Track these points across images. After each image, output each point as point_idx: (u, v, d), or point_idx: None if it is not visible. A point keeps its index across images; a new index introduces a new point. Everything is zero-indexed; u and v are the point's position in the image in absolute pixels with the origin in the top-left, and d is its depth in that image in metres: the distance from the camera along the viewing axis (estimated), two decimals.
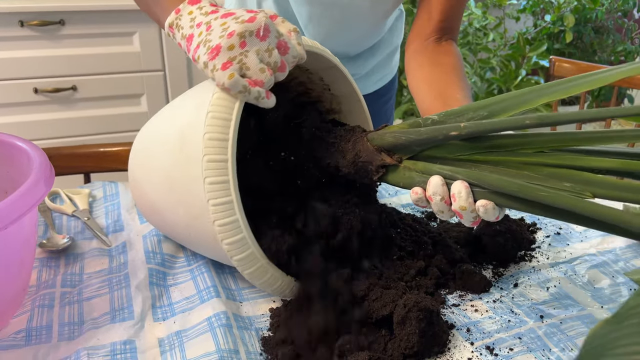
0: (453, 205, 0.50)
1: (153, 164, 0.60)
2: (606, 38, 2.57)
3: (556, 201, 0.45)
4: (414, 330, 0.50)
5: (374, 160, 0.55)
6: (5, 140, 0.64)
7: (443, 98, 0.69)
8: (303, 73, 0.69)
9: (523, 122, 0.48)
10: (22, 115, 1.68)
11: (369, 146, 0.56)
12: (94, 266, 0.66)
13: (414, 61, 0.79)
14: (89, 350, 0.52)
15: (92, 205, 0.81)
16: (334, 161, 0.59)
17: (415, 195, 0.53)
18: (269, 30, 0.53)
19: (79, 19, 1.63)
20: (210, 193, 0.51)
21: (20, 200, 0.50)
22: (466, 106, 0.53)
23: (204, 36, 0.53)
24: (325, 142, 0.60)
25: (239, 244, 0.53)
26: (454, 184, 0.50)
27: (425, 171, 0.53)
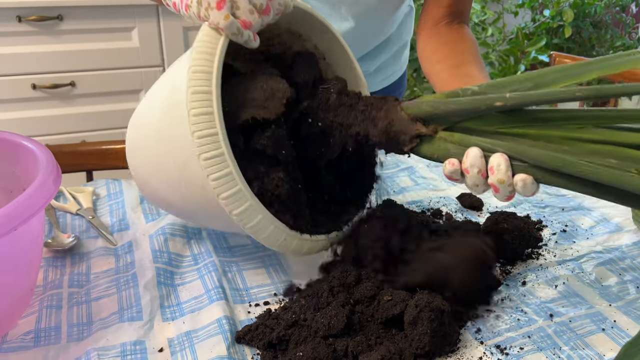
0: (490, 178, 0.49)
1: (146, 121, 0.61)
2: (604, 33, 2.57)
3: (602, 177, 0.44)
4: (425, 330, 0.50)
5: (408, 129, 0.53)
6: (11, 139, 0.63)
7: (461, 76, 0.68)
8: (297, 40, 0.67)
9: (573, 94, 0.45)
10: (20, 112, 1.67)
11: (404, 115, 0.53)
12: (101, 266, 0.66)
13: (427, 46, 0.78)
14: (99, 351, 0.52)
15: (96, 204, 0.81)
16: (363, 129, 0.56)
17: (452, 166, 0.51)
18: None
19: (77, 14, 1.62)
20: (194, 125, 0.50)
21: (29, 200, 0.50)
22: (509, 78, 0.51)
23: None
24: (355, 110, 0.57)
25: (225, 179, 0.51)
26: (492, 156, 0.49)
27: (462, 143, 0.50)
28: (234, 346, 0.53)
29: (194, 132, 0.50)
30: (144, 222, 0.75)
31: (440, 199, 0.82)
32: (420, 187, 0.86)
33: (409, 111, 0.53)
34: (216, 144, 0.51)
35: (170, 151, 0.56)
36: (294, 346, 0.50)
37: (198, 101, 0.51)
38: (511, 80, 0.50)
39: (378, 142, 0.56)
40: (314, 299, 0.54)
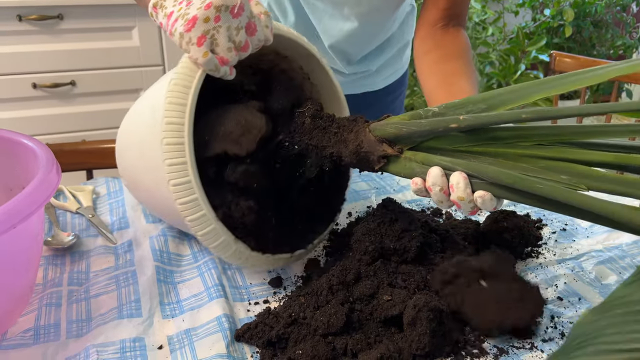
0: (452, 195, 0.51)
1: (130, 135, 0.64)
2: (605, 32, 2.57)
3: (551, 193, 0.46)
4: (424, 331, 0.49)
5: (376, 150, 0.56)
6: (11, 138, 0.63)
7: (447, 85, 0.71)
8: (283, 60, 0.69)
9: (519, 116, 0.49)
10: (20, 111, 1.67)
11: (371, 136, 0.57)
12: (100, 264, 0.66)
13: (421, 48, 0.80)
14: (98, 348, 0.52)
15: (95, 202, 0.81)
16: (337, 150, 0.60)
17: (415, 185, 0.54)
18: (242, 9, 0.54)
19: (77, 13, 1.62)
20: (166, 153, 0.53)
21: (28, 198, 0.50)
22: (466, 99, 0.54)
23: (183, 10, 0.54)
24: (328, 132, 0.61)
25: (192, 204, 0.54)
26: (452, 174, 0.51)
27: (425, 162, 0.54)
28: (233, 344, 0.53)
29: (164, 160, 0.54)
30: (144, 221, 0.75)
31: None
32: None
33: (376, 133, 0.57)
34: (184, 172, 0.54)
35: (148, 169, 0.59)
36: (293, 344, 0.50)
37: (171, 131, 0.54)
38: (467, 102, 0.54)
39: (350, 162, 0.59)
40: (313, 297, 0.54)
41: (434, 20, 0.80)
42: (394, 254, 0.61)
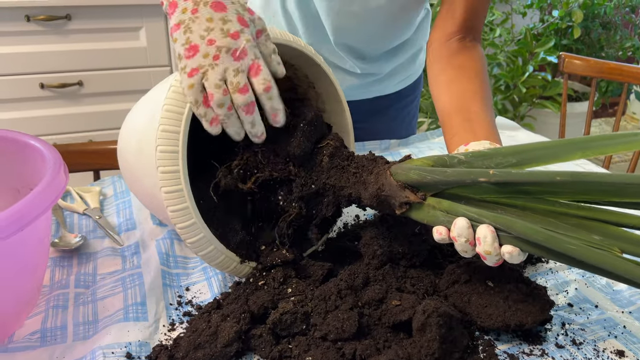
0: (477, 248, 0.49)
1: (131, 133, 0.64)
2: (614, 34, 2.55)
3: (584, 255, 0.44)
4: (434, 337, 0.49)
5: (397, 196, 0.53)
6: (18, 139, 0.63)
7: (464, 112, 0.68)
8: (289, 68, 0.69)
9: (553, 178, 0.46)
10: (28, 111, 1.68)
11: (392, 181, 0.54)
12: (107, 267, 0.66)
13: (436, 64, 0.77)
14: (104, 350, 0.52)
15: (102, 204, 0.81)
16: (355, 192, 0.58)
17: (439, 235, 0.51)
18: (245, 54, 0.53)
19: (85, 13, 1.62)
20: (160, 161, 0.54)
21: (36, 200, 0.50)
22: (495, 150, 0.52)
23: (186, 19, 0.53)
24: (347, 172, 0.59)
25: (182, 212, 0.54)
26: (479, 227, 0.49)
27: (450, 211, 0.51)
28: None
29: (158, 167, 0.54)
30: (151, 223, 0.74)
31: None
32: None
33: (398, 177, 0.54)
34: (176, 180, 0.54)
35: (146, 172, 0.59)
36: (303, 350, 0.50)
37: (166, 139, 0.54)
38: (496, 153, 0.52)
39: (370, 205, 0.57)
40: (322, 302, 0.53)
41: (450, 33, 0.76)
42: (403, 258, 0.60)
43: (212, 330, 0.51)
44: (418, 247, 0.61)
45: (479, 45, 0.77)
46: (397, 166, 0.55)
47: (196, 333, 0.52)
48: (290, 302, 0.54)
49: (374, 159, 0.59)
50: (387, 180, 0.54)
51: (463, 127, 0.66)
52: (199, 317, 0.54)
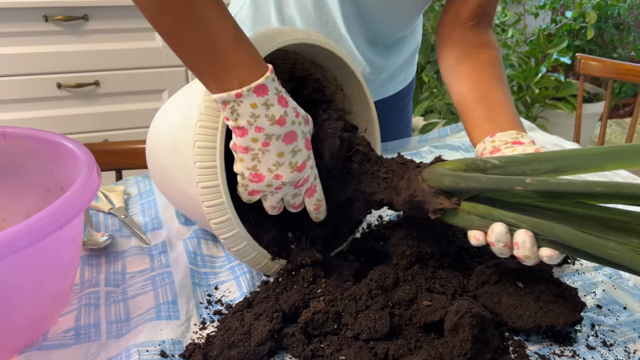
0: (516, 251, 0.49)
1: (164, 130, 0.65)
2: (627, 35, 2.54)
3: (625, 259, 0.45)
4: (467, 337, 0.49)
5: (431, 202, 0.53)
6: (50, 139, 0.64)
7: (485, 101, 0.68)
8: (318, 70, 0.70)
9: (593, 189, 0.45)
10: (45, 110, 1.69)
11: (425, 187, 0.53)
12: (136, 265, 0.66)
13: (450, 51, 0.75)
14: (139, 348, 0.53)
15: (127, 203, 0.81)
16: (387, 197, 0.57)
17: (477, 241, 0.51)
18: (307, 181, 0.55)
19: (102, 14, 1.63)
20: (198, 156, 0.54)
21: (73, 199, 0.50)
22: (531, 155, 0.51)
23: (256, 149, 0.52)
24: (377, 177, 0.58)
25: (218, 207, 0.55)
26: (518, 232, 0.49)
27: (486, 215, 0.51)
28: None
29: (195, 162, 0.55)
30: (177, 222, 0.75)
31: None
32: None
33: (430, 183, 0.53)
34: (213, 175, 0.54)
35: (179, 168, 0.60)
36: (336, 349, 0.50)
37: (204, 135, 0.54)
38: (532, 159, 0.50)
39: (402, 209, 0.57)
40: (352, 302, 0.54)
41: (462, 19, 0.74)
42: (432, 258, 0.61)
43: (245, 329, 0.52)
44: (446, 247, 0.61)
45: (491, 31, 0.76)
46: (429, 171, 0.54)
47: (229, 332, 0.52)
48: (322, 301, 0.54)
49: (404, 162, 0.58)
50: (419, 185, 0.54)
51: (486, 117, 0.66)
52: (231, 315, 0.55)
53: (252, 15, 0.89)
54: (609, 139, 2.91)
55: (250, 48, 0.51)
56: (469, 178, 0.51)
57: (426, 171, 0.55)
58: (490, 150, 0.62)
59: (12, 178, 0.66)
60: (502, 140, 0.62)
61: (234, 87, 0.50)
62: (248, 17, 0.90)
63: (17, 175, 0.66)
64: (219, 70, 0.50)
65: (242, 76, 0.50)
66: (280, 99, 0.51)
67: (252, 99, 0.50)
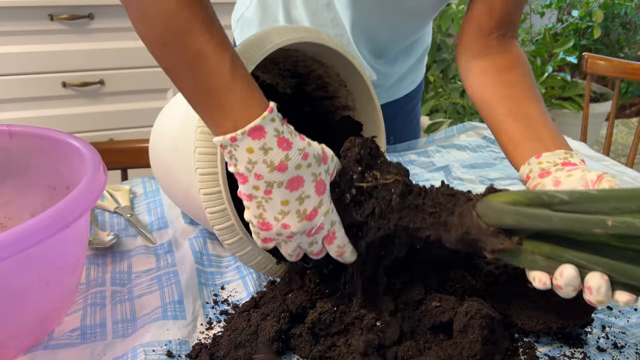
0: (587, 296, 0.44)
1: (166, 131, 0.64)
2: (634, 34, 2.52)
3: None
4: (476, 338, 0.49)
5: (489, 242, 0.46)
6: (55, 137, 0.64)
7: (522, 117, 0.63)
8: (320, 66, 0.69)
9: None
10: (50, 109, 1.69)
11: (481, 224, 0.47)
12: (142, 265, 0.66)
13: (475, 63, 0.70)
14: (145, 348, 0.52)
15: (133, 202, 0.81)
16: (435, 234, 0.50)
17: (543, 285, 0.45)
18: (321, 229, 0.49)
19: (107, 13, 1.63)
20: (199, 163, 0.54)
21: (79, 198, 0.50)
22: (607, 192, 0.44)
23: (259, 197, 0.47)
24: (422, 211, 0.50)
25: (220, 214, 0.54)
26: (591, 276, 0.43)
27: (552, 256, 0.45)
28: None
29: (196, 169, 0.54)
30: (183, 222, 0.75)
31: None
32: None
33: (487, 220, 0.46)
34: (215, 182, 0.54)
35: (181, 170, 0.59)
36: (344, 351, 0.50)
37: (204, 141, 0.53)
38: (610, 196, 0.43)
39: (452, 247, 0.51)
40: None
41: (486, 30, 0.68)
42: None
43: (252, 329, 0.51)
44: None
45: (516, 42, 0.71)
46: (484, 205, 0.47)
47: (236, 332, 0.52)
48: (329, 301, 0.54)
49: (452, 194, 0.51)
50: (474, 222, 0.47)
51: (526, 135, 0.61)
52: (237, 315, 0.54)
53: (260, 15, 0.89)
54: (615, 139, 2.89)
55: (247, 84, 0.47)
56: (536, 217, 0.44)
57: (480, 205, 0.48)
58: (538, 172, 0.56)
59: (18, 177, 0.66)
60: (551, 161, 0.56)
61: (229, 130, 0.46)
62: (255, 16, 0.90)
63: (23, 173, 0.66)
64: (214, 109, 0.47)
65: (237, 117, 0.46)
66: (280, 142, 0.46)
67: (247, 143, 0.45)
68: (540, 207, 0.45)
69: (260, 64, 0.58)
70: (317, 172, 0.48)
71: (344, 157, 0.51)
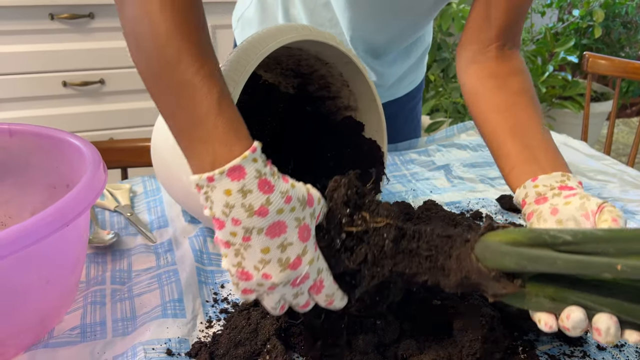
0: (596, 337, 0.42)
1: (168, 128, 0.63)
2: (635, 33, 2.52)
3: None
4: (476, 337, 0.49)
5: (490, 286, 0.44)
6: (54, 135, 0.64)
7: (520, 135, 0.60)
8: (323, 66, 0.69)
9: None
10: (50, 109, 1.70)
11: (481, 268, 0.44)
12: (142, 263, 0.66)
13: (474, 77, 0.67)
14: (145, 346, 0.52)
15: (133, 201, 0.81)
16: (432, 279, 0.47)
17: (549, 328, 0.43)
18: (307, 278, 0.45)
19: (108, 12, 1.63)
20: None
21: (79, 196, 0.50)
22: (614, 233, 0.41)
23: (237, 243, 0.43)
24: (418, 256, 0.48)
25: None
26: (600, 318, 0.41)
27: (557, 298, 0.43)
28: None
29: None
30: (183, 221, 0.75)
31: (480, 200, 0.81)
32: (458, 189, 0.85)
33: (487, 264, 0.44)
34: None
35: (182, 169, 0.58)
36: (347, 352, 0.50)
37: None
38: (617, 237, 0.40)
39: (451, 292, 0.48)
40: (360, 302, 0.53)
41: (486, 40, 0.66)
42: None
43: (252, 327, 0.51)
44: None
45: (519, 52, 0.68)
46: (483, 246, 0.45)
47: (236, 330, 0.52)
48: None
49: (449, 235, 0.48)
50: (473, 266, 0.45)
51: (523, 155, 0.58)
52: (237, 314, 0.54)
53: (259, 15, 0.89)
54: (616, 138, 2.89)
55: (233, 120, 0.44)
56: (539, 260, 0.42)
57: (479, 247, 0.45)
58: (534, 198, 0.55)
59: (18, 175, 0.66)
60: (547, 185, 0.54)
61: (207, 167, 0.43)
62: (255, 16, 0.90)
63: (23, 172, 0.66)
64: (195, 142, 0.44)
65: (217, 154, 0.43)
66: (261, 184, 0.42)
67: (225, 184, 0.42)
68: (542, 247, 0.42)
69: (263, 62, 0.58)
70: (301, 217, 0.44)
71: (330, 198, 0.48)
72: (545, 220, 0.53)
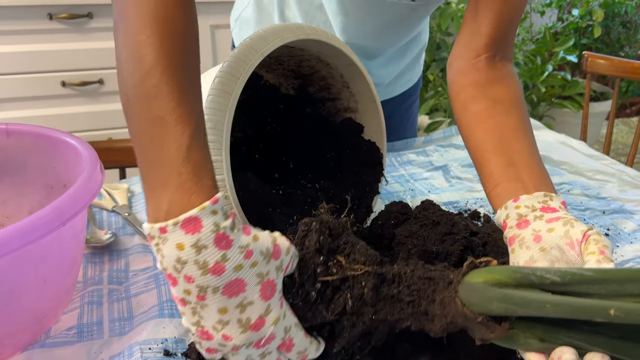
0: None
1: None
2: (634, 33, 2.52)
3: None
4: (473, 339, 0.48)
5: (477, 331, 0.43)
6: (53, 135, 0.64)
7: (504, 152, 0.58)
8: (324, 67, 0.69)
9: None
10: (49, 109, 1.70)
11: (467, 313, 0.42)
12: (139, 263, 0.66)
13: (462, 89, 0.65)
14: (142, 345, 0.52)
15: (130, 201, 0.81)
16: (416, 324, 0.45)
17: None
18: (273, 338, 0.42)
19: (106, 12, 1.63)
20: None
21: (76, 196, 0.50)
22: (605, 273, 0.40)
23: (192, 301, 0.40)
24: (400, 301, 0.45)
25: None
26: (591, 356, 0.39)
27: (547, 338, 0.42)
28: None
29: None
30: None
31: (478, 200, 0.80)
32: (456, 188, 0.85)
33: (472, 308, 0.42)
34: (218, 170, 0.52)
35: None
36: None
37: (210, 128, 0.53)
38: (607, 278, 0.39)
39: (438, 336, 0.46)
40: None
41: (475, 50, 0.65)
42: (437, 257, 0.60)
43: None
44: (451, 246, 0.61)
45: (510, 65, 0.66)
46: (467, 288, 0.43)
47: None
48: None
49: (430, 277, 0.45)
50: (458, 311, 0.43)
51: (506, 173, 0.57)
52: None
53: (256, 15, 0.89)
54: (615, 138, 2.89)
55: (200, 167, 0.40)
56: (527, 304, 0.40)
57: (463, 289, 0.43)
58: (516, 221, 0.52)
59: (15, 175, 0.66)
60: (529, 205, 0.52)
61: (162, 214, 0.39)
62: (252, 17, 0.90)
63: (21, 172, 0.66)
64: (156, 183, 0.40)
65: (174, 202, 0.39)
66: (218, 239, 0.38)
67: (178, 237, 0.38)
68: (529, 288, 0.41)
69: (265, 62, 0.58)
70: (264, 272, 0.40)
71: (300, 245, 0.45)
72: (529, 247, 0.50)
